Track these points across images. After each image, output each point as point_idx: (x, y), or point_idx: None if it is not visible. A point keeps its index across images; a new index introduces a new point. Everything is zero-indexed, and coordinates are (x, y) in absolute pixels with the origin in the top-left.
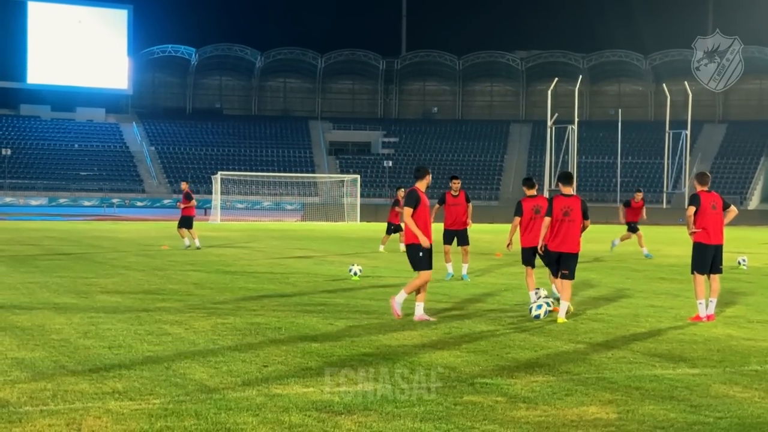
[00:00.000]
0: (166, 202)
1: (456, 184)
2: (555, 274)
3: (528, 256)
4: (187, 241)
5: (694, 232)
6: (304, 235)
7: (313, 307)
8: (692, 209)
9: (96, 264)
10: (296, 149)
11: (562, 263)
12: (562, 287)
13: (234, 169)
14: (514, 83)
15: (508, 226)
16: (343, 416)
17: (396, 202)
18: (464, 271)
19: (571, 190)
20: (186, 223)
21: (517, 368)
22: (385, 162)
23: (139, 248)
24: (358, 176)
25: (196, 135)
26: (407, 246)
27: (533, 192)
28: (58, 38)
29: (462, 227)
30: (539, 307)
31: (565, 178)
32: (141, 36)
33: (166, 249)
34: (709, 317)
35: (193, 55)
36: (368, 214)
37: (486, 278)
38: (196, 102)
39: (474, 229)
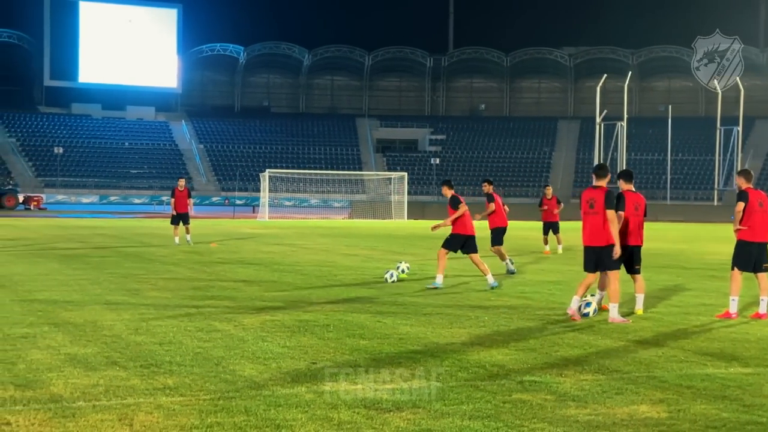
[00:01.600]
0: (214, 199)
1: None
2: (628, 270)
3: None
4: (178, 240)
5: (740, 229)
6: (352, 233)
7: (361, 304)
8: (741, 205)
9: (146, 261)
10: (343, 147)
11: (635, 258)
12: (638, 281)
13: (282, 167)
14: (562, 80)
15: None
16: (391, 413)
17: (558, 200)
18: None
19: (632, 187)
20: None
21: (566, 366)
22: (432, 159)
23: (188, 246)
24: (405, 174)
25: (244, 133)
26: (608, 247)
27: (491, 188)
28: (108, 38)
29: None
30: (588, 305)
31: (628, 175)
32: (190, 35)
33: (215, 246)
34: (761, 316)
35: (242, 53)
36: (415, 211)
37: (534, 276)
38: (244, 100)
39: (522, 227)
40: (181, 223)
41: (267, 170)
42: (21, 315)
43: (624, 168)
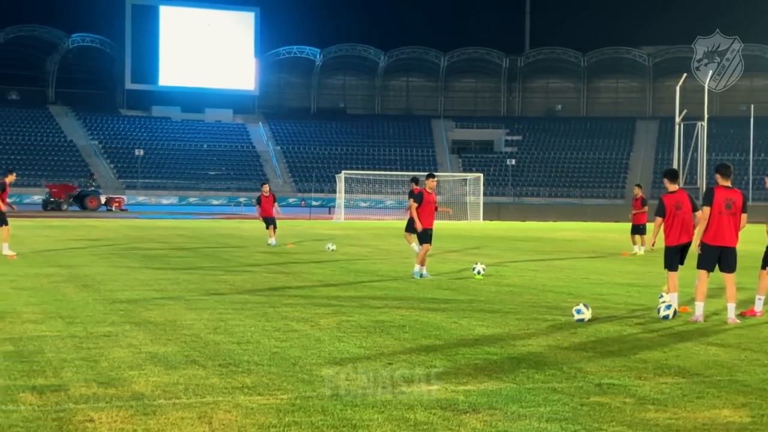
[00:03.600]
0: (291, 200)
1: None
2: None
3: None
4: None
5: None
6: None
7: (437, 305)
8: None
9: (224, 261)
10: (419, 148)
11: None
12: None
13: (357, 168)
14: (641, 79)
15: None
16: (468, 415)
17: (645, 201)
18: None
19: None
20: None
21: (645, 369)
22: (508, 160)
23: (266, 246)
24: (481, 175)
25: (320, 134)
26: (733, 249)
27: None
28: (188, 41)
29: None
30: (668, 307)
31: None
32: (267, 37)
33: (291, 247)
34: (754, 313)
35: (318, 55)
36: (491, 212)
37: (611, 277)
38: (320, 102)
39: (599, 228)
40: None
41: (343, 171)
42: (103, 314)
43: (704, 169)
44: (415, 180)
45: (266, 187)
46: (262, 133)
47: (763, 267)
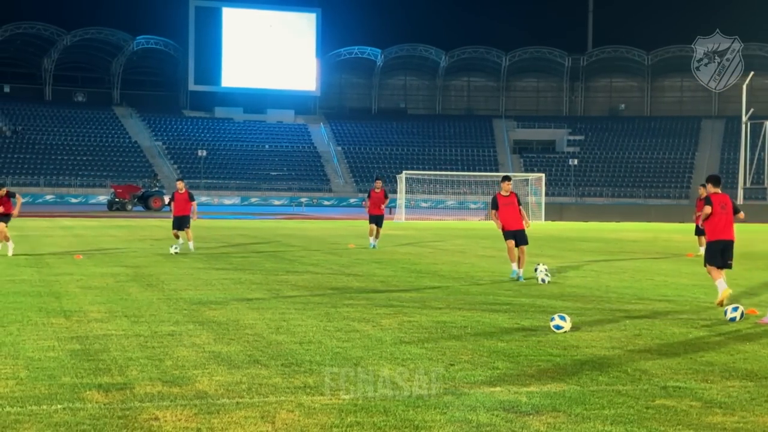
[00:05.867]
0: (352, 201)
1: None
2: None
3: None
4: (181, 242)
5: None
6: (488, 234)
7: (499, 306)
8: None
9: (286, 261)
10: (480, 148)
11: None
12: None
13: (418, 168)
14: None
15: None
16: (531, 417)
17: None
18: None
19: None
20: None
21: (711, 372)
22: (570, 160)
23: (327, 246)
24: (543, 175)
25: (381, 135)
26: None
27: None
28: (250, 43)
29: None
30: (735, 309)
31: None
32: (328, 38)
33: (352, 248)
34: None
35: (379, 56)
36: (553, 213)
37: (676, 279)
38: (381, 102)
39: (664, 229)
40: (185, 228)
41: (404, 172)
42: (168, 313)
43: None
44: (380, 178)
45: (180, 184)
46: (323, 134)
47: None
